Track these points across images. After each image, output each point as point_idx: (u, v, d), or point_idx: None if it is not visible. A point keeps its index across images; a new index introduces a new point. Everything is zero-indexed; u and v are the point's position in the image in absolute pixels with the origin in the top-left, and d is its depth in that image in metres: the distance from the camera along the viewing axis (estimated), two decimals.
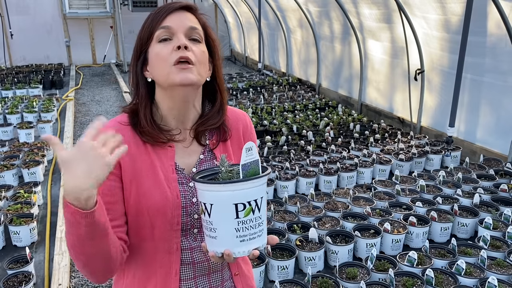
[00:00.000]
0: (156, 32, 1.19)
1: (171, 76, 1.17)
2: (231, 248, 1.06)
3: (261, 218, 1.09)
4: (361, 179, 4.69)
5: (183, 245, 1.24)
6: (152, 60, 1.20)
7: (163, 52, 1.17)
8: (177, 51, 1.16)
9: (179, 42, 1.17)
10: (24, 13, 12.35)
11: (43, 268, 3.43)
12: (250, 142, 1.07)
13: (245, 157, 1.06)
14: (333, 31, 8.02)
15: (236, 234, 1.05)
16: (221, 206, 1.04)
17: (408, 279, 2.91)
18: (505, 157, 4.83)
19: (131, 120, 1.24)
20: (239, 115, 1.39)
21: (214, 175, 1.16)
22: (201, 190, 1.07)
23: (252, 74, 10.75)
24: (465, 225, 3.67)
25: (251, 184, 1.04)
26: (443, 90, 5.66)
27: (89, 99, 9.28)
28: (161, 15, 1.20)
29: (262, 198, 1.08)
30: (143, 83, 1.24)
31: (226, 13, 13.80)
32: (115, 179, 1.19)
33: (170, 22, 1.19)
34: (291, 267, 3.14)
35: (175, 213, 1.20)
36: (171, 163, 1.23)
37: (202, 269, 1.27)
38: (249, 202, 1.05)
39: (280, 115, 6.96)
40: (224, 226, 1.05)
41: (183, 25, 1.20)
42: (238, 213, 1.04)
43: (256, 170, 1.09)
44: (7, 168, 4.75)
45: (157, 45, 1.19)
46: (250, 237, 1.07)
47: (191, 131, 1.28)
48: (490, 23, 4.76)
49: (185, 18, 1.22)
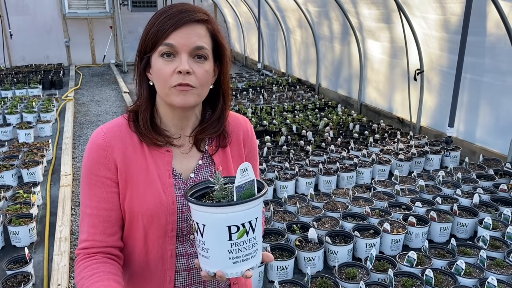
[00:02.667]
0: (159, 46, 1.13)
1: (170, 97, 1.14)
2: (224, 269, 1.03)
3: (256, 239, 1.05)
4: (360, 179, 4.68)
5: (179, 251, 1.22)
6: (154, 72, 1.16)
7: (164, 71, 1.12)
8: (178, 75, 1.11)
9: (181, 67, 1.11)
10: (23, 13, 12.34)
11: (42, 269, 3.42)
12: (246, 163, 1.03)
13: (240, 178, 1.01)
14: (332, 31, 8.02)
15: (229, 256, 1.02)
16: (214, 227, 1.01)
17: (408, 279, 2.91)
18: (505, 157, 4.83)
19: (132, 120, 1.23)
20: (240, 121, 1.36)
21: (208, 189, 1.12)
22: (194, 210, 1.04)
23: (251, 74, 10.74)
24: (465, 225, 3.66)
25: (245, 206, 1.00)
26: (443, 90, 5.66)
27: (89, 99, 9.28)
28: (167, 29, 1.11)
29: (257, 219, 1.04)
30: (145, 86, 1.22)
31: (225, 13, 13.79)
32: (113, 185, 1.19)
33: (174, 39, 1.11)
34: (290, 267, 3.14)
35: (169, 219, 1.18)
36: (168, 168, 1.21)
37: (198, 276, 1.25)
38: (243, 224, 1.01)
39: (280, 115, 6.96)
40: (217, 248, 1.02)
41: (188, 44, 1.12)
42: (231, 235, 1.00)
43: (252, 190, 1.04)
44: (7, 168, 4.75)
45: (159, 60, 1.14)
46: (244, 258, 1.03)
47: (190, 137, 1.26)
48: (489, 23, 4.75)
49: (192, 34, 1.13)
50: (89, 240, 1.18)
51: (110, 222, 1.18)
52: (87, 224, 1.19)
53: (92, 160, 1.18)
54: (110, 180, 1.18)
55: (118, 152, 1.19)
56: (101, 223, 1.18)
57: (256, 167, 1.40)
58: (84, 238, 1.19)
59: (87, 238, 1.18)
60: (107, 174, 1.18)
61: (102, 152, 1.18)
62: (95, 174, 1.18)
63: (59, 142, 6.36)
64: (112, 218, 1.19)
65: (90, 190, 1.19)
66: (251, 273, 1.06)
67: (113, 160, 1.18)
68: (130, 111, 1.24)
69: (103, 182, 1.18)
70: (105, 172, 1.18)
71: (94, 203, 1.18)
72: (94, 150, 1.19)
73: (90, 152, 1.19)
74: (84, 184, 1.20)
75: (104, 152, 1.18)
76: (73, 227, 4.07)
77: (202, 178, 1.25)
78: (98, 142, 1.19)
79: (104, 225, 1.18)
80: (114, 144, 1.19)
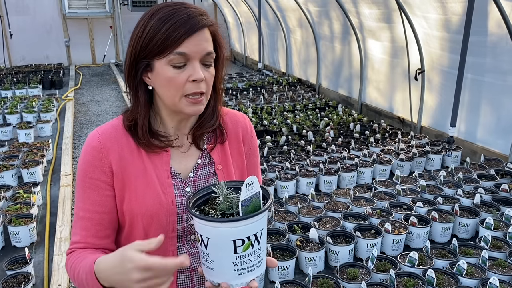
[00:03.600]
0: (169, 55, 1.08)
1: (181, 106, 1.13)
2: (228, 280, 1.01)
3: (261, 250, 1.03)
4: (361, 179, 4.67)
5: (180, 252, 1.21)
6: (161, 80, 1.12)
7: (178, 80, 1.10)
8: (193, 83, 1.10)
9: (197, 75, 1.09)
10: (23, 13, 12.34)
11: (42, 269, 3.41)
12: (252, 176, 1.00)
13: (246, 192, 1.00)
14: (333, 30, 8.01)
15: (234, 268, 1.00)
16: (218, 241, 0.99)
17: (409, 279, 2.90)
18: (506, 157, 4.82)
19: (128, 124, 1.20)
20: (238, 118, 1.35)
21: (211, 195, 1.10)
22: (197, 222, 1.02)
23: (252, 74, 10.74)
24: (466, 225, 3.65)
25: (251, 220, 0.98)
26: (444, 90, 5.65)
27: (89, 99, 9.27)
28: (179, 37, 1.07)
29: (262, 230, 1.02)
30: (143, 90, 1.18)
31: (225, 13, 13.79)
32: (107, 188, 1.17)
33: (187, 47, 1.08)
34: (291, 267, 3.13)
35: (170, 220, 1.17)
36: (166, 168, 1.20)
37: (201, 278, 1.24)
38: (248, 237, 0.99)
39: (280, 115, 6.95)
40: (222, 260, 1.00)
41: (200, 51, 1.10)
42: (236, 248, 0.99)
43: (257, 203, 1.02)
44: (7, 168, 4.74)
45: (169, 68, 1.10)
46: (249, 270, 1.02)
47: (188, 136, 1.25)
48: (490, 23, 4.75)
49: (202, 41, 1.11)
50: (81, 242, 1.17)
51: (103, 225, 1.18)
52: (80, 226, 1.18)
53: (87, 162, 1.17)
54: (105, 183, 1.17)
55: (114, 154, 1.17)
56: (94, 226, 1.17)
57: (257, 164, 1.39)
58: (76, 240, 1.18)
59: (80, 240, 1.17)
60: (102, 177, 1.17)
61: (97, 155, 1.17)
62: (89, 176, 1.17)
63: (59, 142, 6.35)
64: (105, 222, 1.18)
65: (84, 192, 1.18)
66: (257, 283, 1.05)
67: (109, 163, 1.17)
68: (128, 116, 1.21)
69: (97, 185, 1.17)
70: (99, 175, 1.17)
71: (88, 206, 1.17)
72: (89, 153, 1.17)
73: (85, 155, 1.18)
74: (79, 187, 1.19)
75: (99, 155, 1.17)
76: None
77: (201, 177, 1.24)
78: (93, 144, 1.17)
79: (97, 228, 1.17)
80: (109, 146, 1.17)
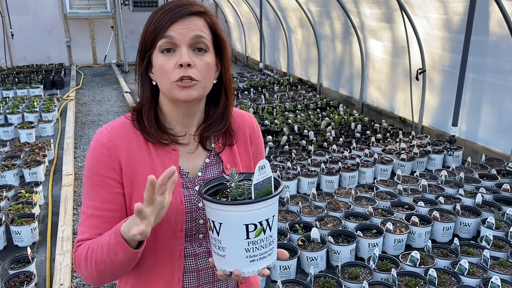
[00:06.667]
0: (158, 41, 1.12)
1: (173, 92, 1.13)
2: (240, 268, 1.01)
3: (272, 237, 1.03)
4: (362, 179, 4.68)
5: (187, 251, 1.20)
6: (156, 70, 1.15)
7: (166, 66, 1.11)
8: (180, 68, 1.10)
9: (182, 59, 1.10)
10: (24, 13, 12.35)
11: (44, 268, 3.42)
12: (264, 160, 1.02)
13: (258, 175, 0.99)
14: (334, 30, 8.01)
15: (246, 255, 1.00)
16: (230, 226, 0.99)
17: (411, 279, 2.90)
18: (507, 156, 4.82)
19: (136, 120, 1.21)
20: (245, 118, 1.34)
21: (222, 186, 1.10)
22: (209, 208, 1.01)
23: (253, 74, 10.74)
24: (468, 225, 3.65)
25: (263, 204, 0.98)
26: (445, 89, 5.64)
27: (90, 99, 9.28)
28: (164, 23, 1.11)
29: (274, 216, 1.02)
30: (148, 85, 1.20)
31: (226, 13, 13.79)
32: (117, 186, 1.16)
33: (173, 31, 1.11)
34: (293, 267, 3.13)
35: (178, 219, 1.16)
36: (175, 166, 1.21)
37: (207, 277, 1.23)
38: (260, 222, 0.99)
39: (281, 115, 6.95)
40: (234, 246, 1.00)
41: (187, 35, 1.11)
42: (248, 233, 0.98)
43: (269, 188, 1.02)
44: (8, 168, 4.75)
45: (160, 56, 1.13)
46: (261, 257, 1.02)
47: (195, 136, 1.24)
48: (492, 22, 4.74)
49: (190, 25, 1.12)
50: (91, 239, 1.14)
51: (113, 223, 1.15)
52: (88, 225, 1.15)
53: (96, 159, 1.16)
54: (114, 181, 1.16)
55: (123, 152, 1.16)
56: (104, 224, 1.15)
57: None
58: (84, 237, 1.15)
59: (89, 237, 1.14)
60: (112, 175, 1.15)
61: (107, 152, 1.15)
62: (99, 174, 1.15)
63: (60, 142, 6.36)
64: (116, 219, 1.15)
65: (93, 190, 1.16)
66: (268, 271, 1.05)
67: (118, 160, 1.16)
68: (133, 110, 1.22)
69: (107, 183, 1.15)
70: (109, 172, 1.15)
71: (98, 204, 1.15)
72: (98, 150, 1.16)
73: (94, 152, 1.16)
74: (87, 185, 1.17)
75: (109, 152, 1.15)
76: (75, 227, 4.06)
77: (209, 176, 1.23)
78: (103, 141, 1.16)
79: (107, 227, 1.14)
80: (118, 143, 1.16)
